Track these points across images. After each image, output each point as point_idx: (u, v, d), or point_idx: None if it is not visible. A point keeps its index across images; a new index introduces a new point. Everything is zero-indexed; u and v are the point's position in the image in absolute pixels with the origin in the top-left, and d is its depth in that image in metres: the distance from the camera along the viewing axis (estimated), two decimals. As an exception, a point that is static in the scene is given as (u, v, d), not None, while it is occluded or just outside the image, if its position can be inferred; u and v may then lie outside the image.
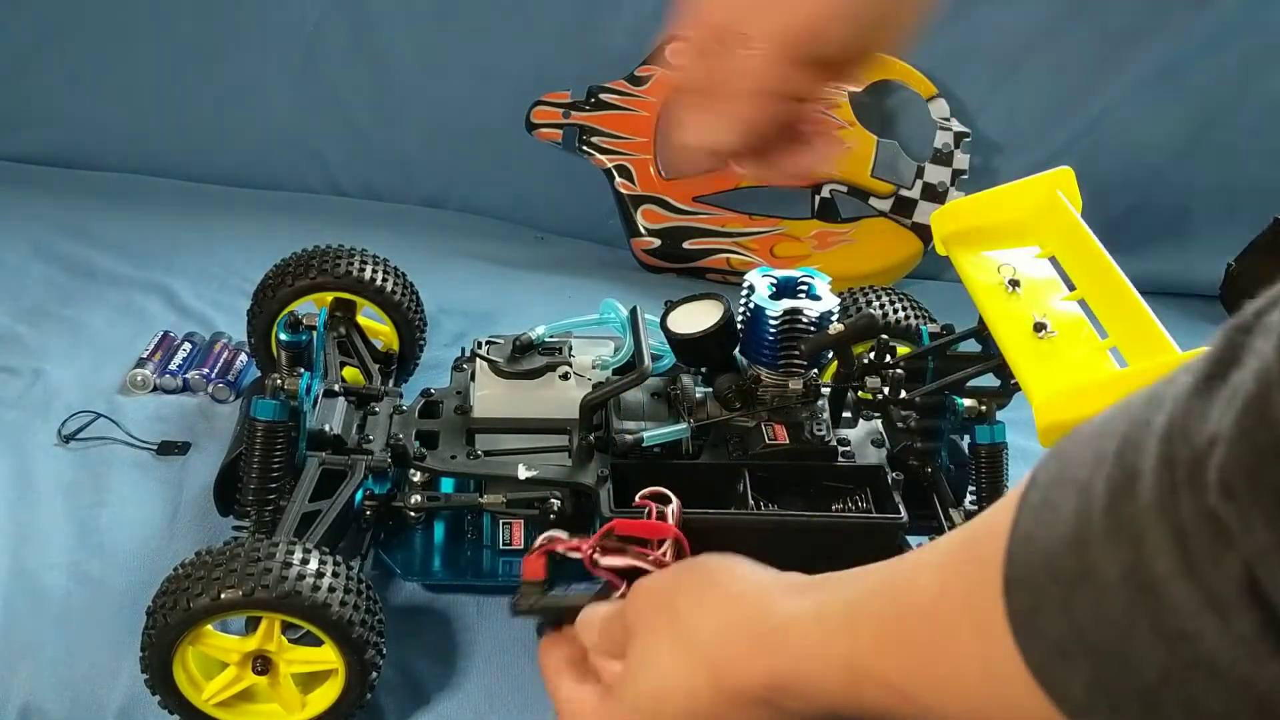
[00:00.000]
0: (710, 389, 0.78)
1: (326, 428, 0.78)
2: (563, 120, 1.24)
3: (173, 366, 0.98)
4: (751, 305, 0.77)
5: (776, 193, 1.27)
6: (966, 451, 0.81)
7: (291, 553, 0.65)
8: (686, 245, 1.26)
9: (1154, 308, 0.64)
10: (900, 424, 0.78)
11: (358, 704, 0.68)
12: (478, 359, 0.81)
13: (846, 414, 0.80)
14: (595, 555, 0.64)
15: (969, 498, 0.82)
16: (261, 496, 0.75)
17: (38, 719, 0.71)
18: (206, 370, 0.97)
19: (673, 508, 0.68)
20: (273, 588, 0.63)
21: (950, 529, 0.76)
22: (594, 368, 0.81)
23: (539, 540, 0.65)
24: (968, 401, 0.79)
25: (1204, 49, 1.26)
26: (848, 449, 0.77)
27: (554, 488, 0.76)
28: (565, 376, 0.80)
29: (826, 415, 0.78)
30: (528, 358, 0.80)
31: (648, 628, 0.52)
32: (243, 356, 0.99)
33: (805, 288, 0.78)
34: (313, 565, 0.65)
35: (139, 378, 0.97)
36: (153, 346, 1.00)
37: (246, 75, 1.31)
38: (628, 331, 0.81)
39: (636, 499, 0.69)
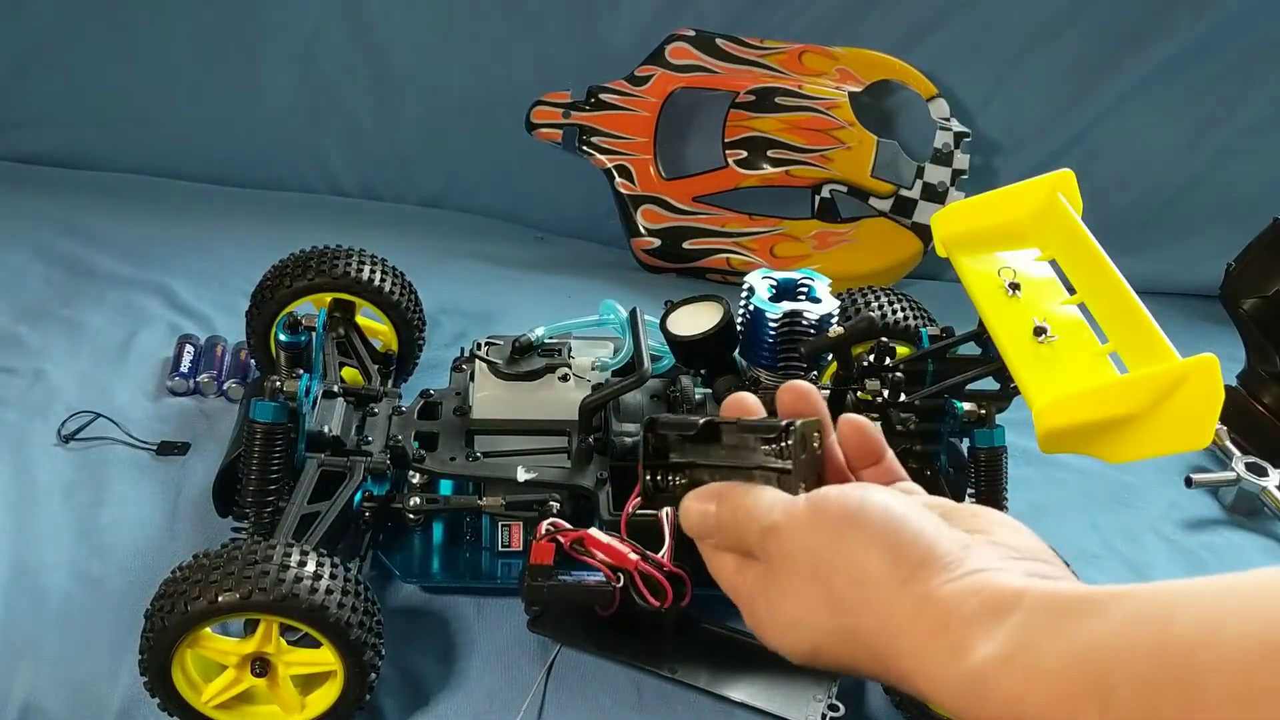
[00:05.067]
0: (710, 390, 0.78)
1: (325, 429, 0.78)
2: (563, 120, 1.24)
3: (183, 368, 0.97)
4: (751, 307, 0.77)
5: (777, 193, 1.27)
6: (966, 455, 0.81)
7: (289, 555, 0.65)
8: (686, 245, 1.26)
9: (1154, 308, 0.64)
10: (900, 427, 0.78)
11: (357, 704, 0.67)
12: (477, 360, 0.81)
13: (846, 416, 0.80)
14: (575, 548, 0.67)
15: (968, 501, 0.81)
16: (260, 498, 0.75)
17: (38, 719, 0.71)
18: (216, 372, 0.97)
19: (669, 511, 0.68)
20: (270, 590, 0.63)
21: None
22: (593, 369, 0.81)
23: (545, 526, 0.68)
24: (967, 405, 0.79)
25: (1204, 49, 1.26)
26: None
27: (553, 490, 0.76)
28: (565, 378, 0.80)
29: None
30: (527, 359, 0.80)
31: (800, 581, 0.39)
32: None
33: (805, 290, 0.78)
34: (310, 567, 0.65)
35: (178, 385, 0.96)
36: (177, 352, 0.99)
37: (246, 75, 1.31)
38: (627, 333, 0.81)
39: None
